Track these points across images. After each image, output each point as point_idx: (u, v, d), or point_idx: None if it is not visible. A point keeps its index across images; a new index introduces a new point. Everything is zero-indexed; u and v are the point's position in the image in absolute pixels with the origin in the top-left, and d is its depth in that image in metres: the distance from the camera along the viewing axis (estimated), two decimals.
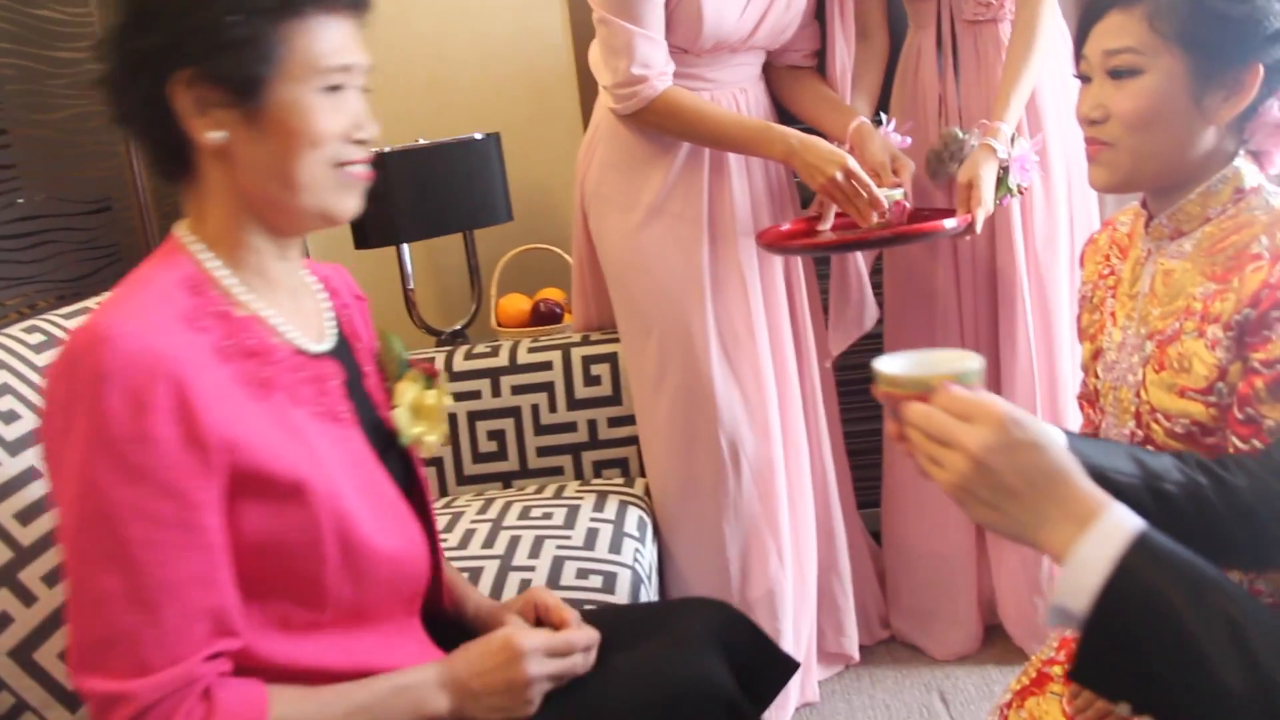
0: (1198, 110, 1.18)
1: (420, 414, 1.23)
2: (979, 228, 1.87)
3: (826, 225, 1.99)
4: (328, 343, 1.17)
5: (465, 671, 1.11)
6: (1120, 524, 0.80)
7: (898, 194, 1.87)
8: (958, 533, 2.26)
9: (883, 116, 2.05)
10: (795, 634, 2.13)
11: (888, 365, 0.90)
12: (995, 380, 2.13)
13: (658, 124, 1.97)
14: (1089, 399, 1.46)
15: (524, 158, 2.80)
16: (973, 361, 0.89)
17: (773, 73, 2.18)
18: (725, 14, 1.93)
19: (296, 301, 1.16)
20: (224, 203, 1.06)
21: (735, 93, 2.05)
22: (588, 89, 2.20)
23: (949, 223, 1.83)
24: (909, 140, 2.02)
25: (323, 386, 1.12)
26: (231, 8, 0.99)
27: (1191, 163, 1.21)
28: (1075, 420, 2.04)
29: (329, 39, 1.04)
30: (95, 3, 2.14)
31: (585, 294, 2.26)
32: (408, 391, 1.22)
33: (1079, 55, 1.27)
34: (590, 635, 1.20)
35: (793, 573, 2.10)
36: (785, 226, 2.04)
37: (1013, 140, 1.90)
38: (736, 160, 2.04)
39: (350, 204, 1.10)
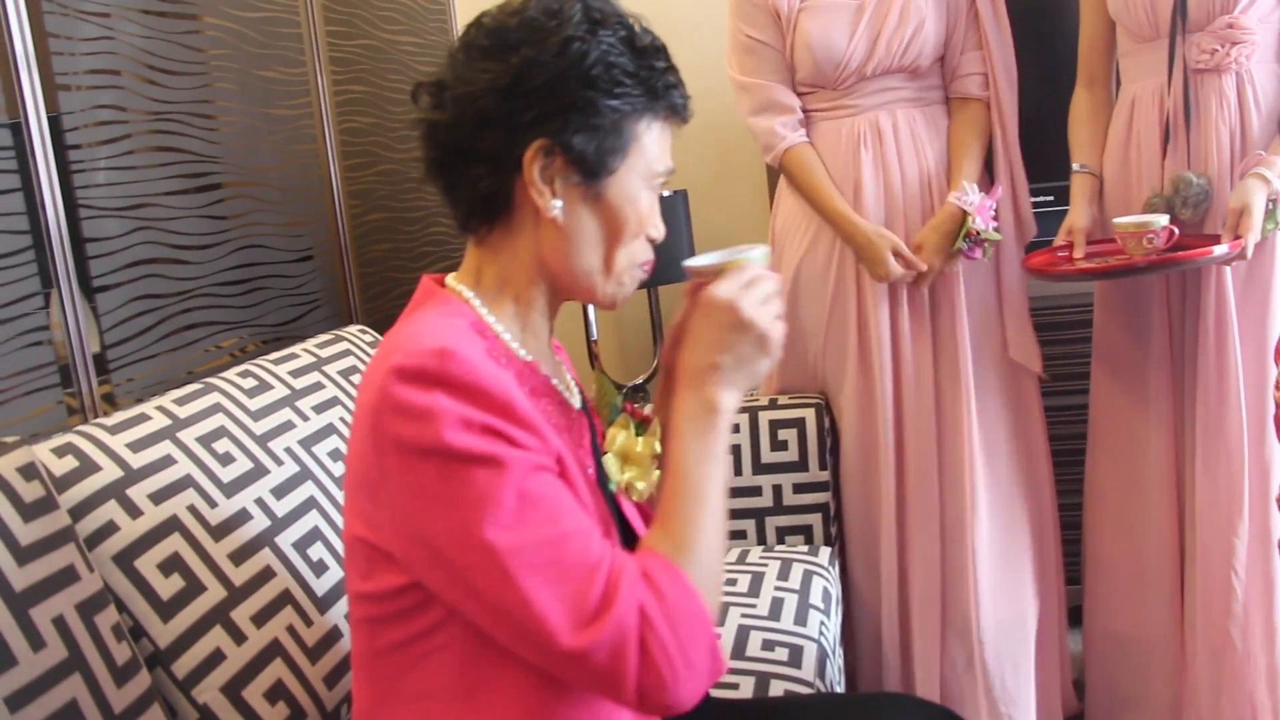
0: None
1: (629, 460, 1.20)
2: (1249, 253, 1.80)
3: (1079, 254, 1.97)
4: (577, 399, 1.19)
5: (695, 359, 1.05)
6: None
7: (1164, 219, 1.82)
8: (1161, 617, 2.11)
9: (966, 186, 2.04)
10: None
11: (695, 260, 1.12)
12: (1191, 454, 2.00)
13: (789, 180, 2.19)
14: None
15: (709, 215, 2.80)
16: (756, 251, 1.10)
17: (949, 102, 2.20)
18: (834, 42, 2.05)
19: (550, 359, 1.18)
20: (521, 262, 1.09)
21: (880, 115, 2.11)
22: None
23: (1219, 249, 1.77)
24: (993, 206, 2.03)
25: (581, 440, 1.14)
26: (607, 95, 1.03)
27: None
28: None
29: (663, 143, 1.10)
30: (311, 63, 2.24)
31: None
32: (618, 437, 1.20)
33: None
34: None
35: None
36: (1037, 256, 2.02)
37: None
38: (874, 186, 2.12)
39: (627, 296, 1.14)
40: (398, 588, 1.01)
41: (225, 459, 1.47)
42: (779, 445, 2.13)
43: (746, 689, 1.61)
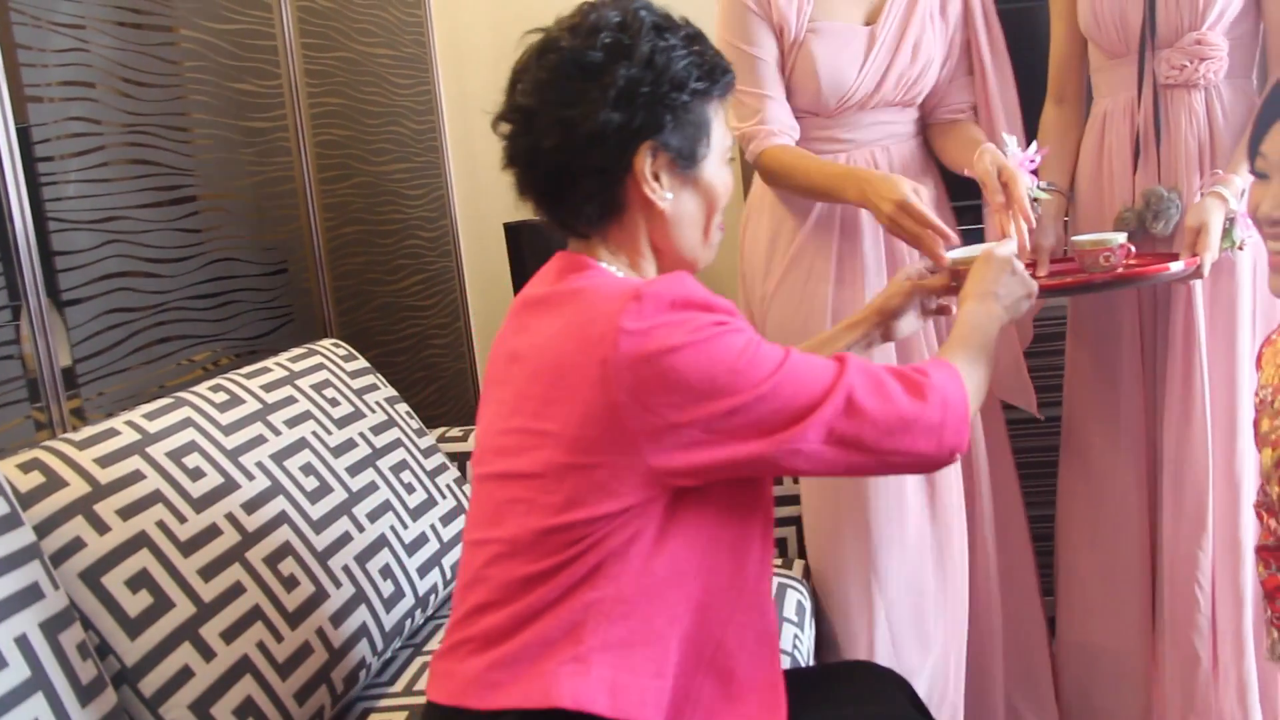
0: None
1: None
2: (1206, 272, 1.80)
3: (1043, 272, 1.93)
4: None
5: (978, 288, 1.42)
6: None
7: (1121, 237, 1.81)
8: (1133, 630, 2.12)
9: (1008, 140, 1.87)
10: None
11: (955, 252, 1.62)
12: (1159, 464, 2.01)
13: (772, 181, 2.00)
14: (1269, 508, 1.36)
15: None
16: (1009, 242, 1.58)
17: (930, 129, 2.11)
18: (843, 71, 1.91)
19: None
20: (636, 248, 1.25)
21: (875, 151, 2.00)
22: (745, 166, 2.18)
23: (1175, 265, 1.76)
24: (1038, 160, 1.86)
25: None
26: (689, 91, 1.19)
27: None
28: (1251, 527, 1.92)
29: (723, 121, 1.27)
30: (286, 76, 2.24)
31: None
32: None
33: (1255, 152, 1.22)
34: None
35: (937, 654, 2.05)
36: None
37: (1242, 195, 1.82)
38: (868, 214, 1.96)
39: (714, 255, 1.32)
40: (617, 510, 1.11)
41: (195, 474, 1.46)
42: None
43: None
